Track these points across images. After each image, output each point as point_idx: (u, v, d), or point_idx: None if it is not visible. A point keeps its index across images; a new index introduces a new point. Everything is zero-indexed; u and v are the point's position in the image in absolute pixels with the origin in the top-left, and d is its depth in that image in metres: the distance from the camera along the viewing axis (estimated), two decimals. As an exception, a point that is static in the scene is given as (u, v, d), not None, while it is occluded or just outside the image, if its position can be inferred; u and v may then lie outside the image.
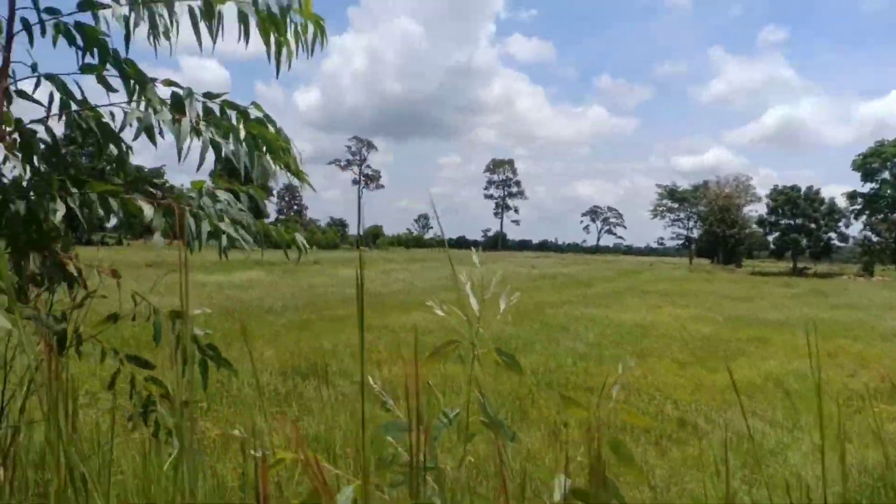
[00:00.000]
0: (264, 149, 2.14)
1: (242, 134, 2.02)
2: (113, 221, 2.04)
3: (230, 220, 1.92)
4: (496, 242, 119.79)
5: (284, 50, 2.14)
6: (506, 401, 6.91)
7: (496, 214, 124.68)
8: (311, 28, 2.15)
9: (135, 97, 2.14)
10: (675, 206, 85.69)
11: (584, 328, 12.64)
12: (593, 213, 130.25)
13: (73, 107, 2.11)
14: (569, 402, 0.95)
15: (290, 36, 2.12)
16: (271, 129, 2.18)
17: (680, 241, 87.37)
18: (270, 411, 6.14)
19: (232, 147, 2.00)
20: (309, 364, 8.82)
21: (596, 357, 9.19)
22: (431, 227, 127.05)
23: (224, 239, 1.87)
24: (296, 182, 2.16)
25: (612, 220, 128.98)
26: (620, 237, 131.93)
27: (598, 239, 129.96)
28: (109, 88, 2.01)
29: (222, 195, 1.96)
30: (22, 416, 2.09)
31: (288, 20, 2.08)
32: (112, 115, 2.01)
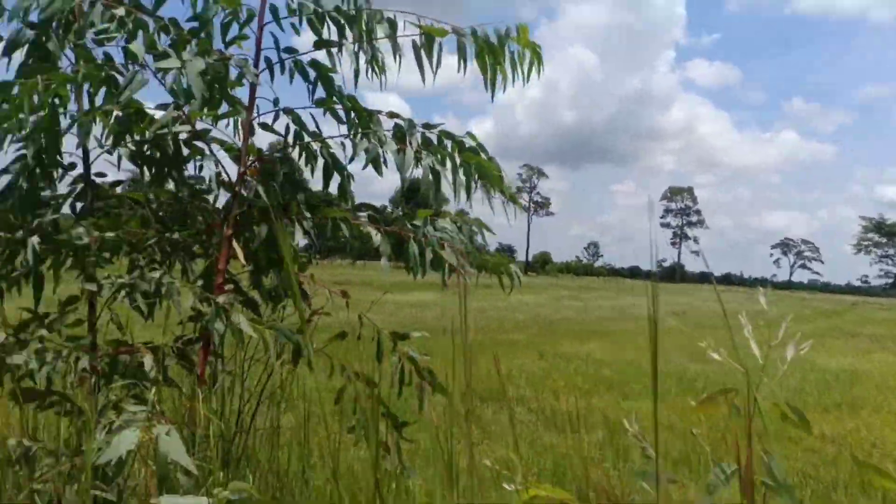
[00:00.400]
0: (476, 176, 2.18)
1: (457, 161, 2.07)
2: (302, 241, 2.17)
3: (450, 248, 1.96)
4: (673, 273, 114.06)
5: (499, 77, 2.17)
6: (694, 445, 6.43)
7: (673, 244, 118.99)
8: (527, 56, 2.16)
9: (352, 129, 2.27)
10: (883, 240, 76.33)
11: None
12: (784, 245, 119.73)
13: (306, 138, 2.29)
14: (870, 469, 0.81)
15: (506, 64, 2.14)
16: (483, 156, 2.21)
17: (889, 280, 77.55)
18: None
19: (450, 175, 2.05)
20: (484, 387, 8.86)
21: (798, 405, 8.30)
22: (601, 256, 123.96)
23: (446, 267, 1.91)
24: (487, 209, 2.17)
25: (807, 253, 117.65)
26: (817, 273, 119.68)
27: (791, 274, 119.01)
28: (340, 121, 2.15)
29: (445, 224, 2.01)
30: (253, 423, 2.27)
31: (505, 49, 2.11)
32: (343, 145, 2.14)
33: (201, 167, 2.30)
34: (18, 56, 2.12)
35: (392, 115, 2.16)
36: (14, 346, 1.75)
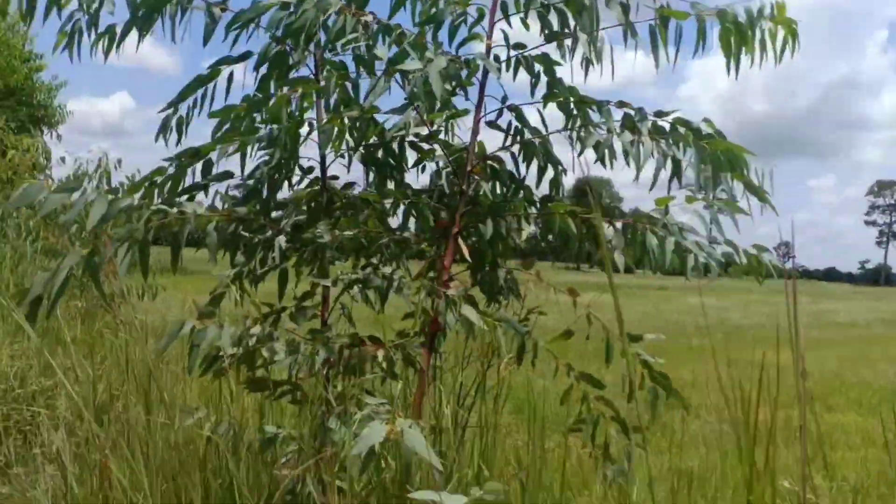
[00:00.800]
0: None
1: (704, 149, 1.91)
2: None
3: (694, 238, 1.82)
4: (877, 276, 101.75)
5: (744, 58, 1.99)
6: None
7: (879, 244, 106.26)
8: (780, 33, 1.95)
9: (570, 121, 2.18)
10: None
11: None
12: None
13: (527, 134, 2.24)
14: None
15: (755, 43, 1.95)
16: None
17: None
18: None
19: (690, 165, 1.90)
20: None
21: None
22: (793, 256, 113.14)
23: (691, 259, 1.77)
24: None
25: None
26: None
27: None
28: (570, 115, 2.08)
29: (689, 212, 1.86)
30: (468, 420, 2.26)
31: (757, 28, 1.92)
32: (571, 139, 2.06)
33: (423, 168, 2.34)
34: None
35: (621, 104, 2.05)
36: (266, 338, 1.87)
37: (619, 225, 1.94)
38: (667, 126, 2.02)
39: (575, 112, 2.15)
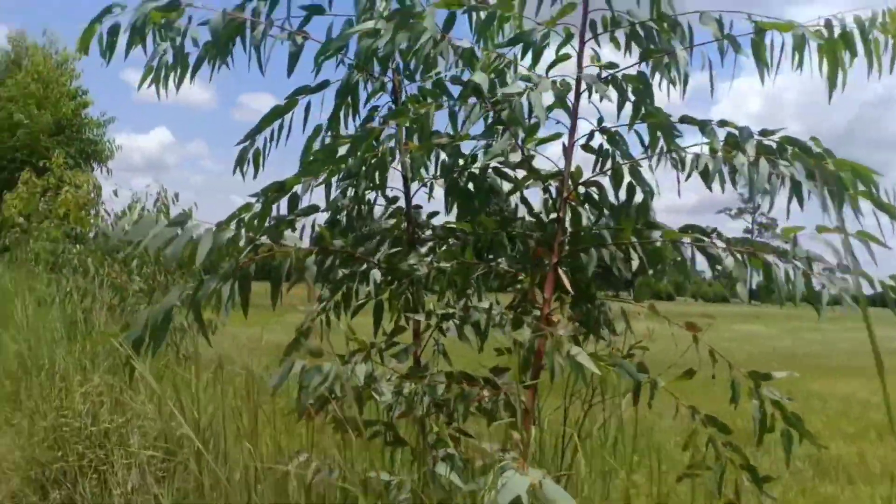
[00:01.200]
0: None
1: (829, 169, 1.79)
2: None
3: (826, 271, 1.69)
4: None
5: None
6: None
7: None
8: (889, 44, 1.84)
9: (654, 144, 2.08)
10: None
11: None
12: None
13: (618, 157, 2.14)
14: None
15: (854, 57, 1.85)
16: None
17: None
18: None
19: (808, 184, 1.78)
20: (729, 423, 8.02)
21: None
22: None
23: (825, 294, 1.63)
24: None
25: None
26: None
27: None
28: (669, 135, 1.97)
29: (821, 241, 1.73)
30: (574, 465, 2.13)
31: (869, 38, 1.80)
32: (675, 161, 1.96)
33: (510, 194, 2.26)
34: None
35: (723, 123, 1.94)
36: (371, 378, 1.78)
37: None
38: (773, 145, 1.90)
39: (659, 134, 2.06)
